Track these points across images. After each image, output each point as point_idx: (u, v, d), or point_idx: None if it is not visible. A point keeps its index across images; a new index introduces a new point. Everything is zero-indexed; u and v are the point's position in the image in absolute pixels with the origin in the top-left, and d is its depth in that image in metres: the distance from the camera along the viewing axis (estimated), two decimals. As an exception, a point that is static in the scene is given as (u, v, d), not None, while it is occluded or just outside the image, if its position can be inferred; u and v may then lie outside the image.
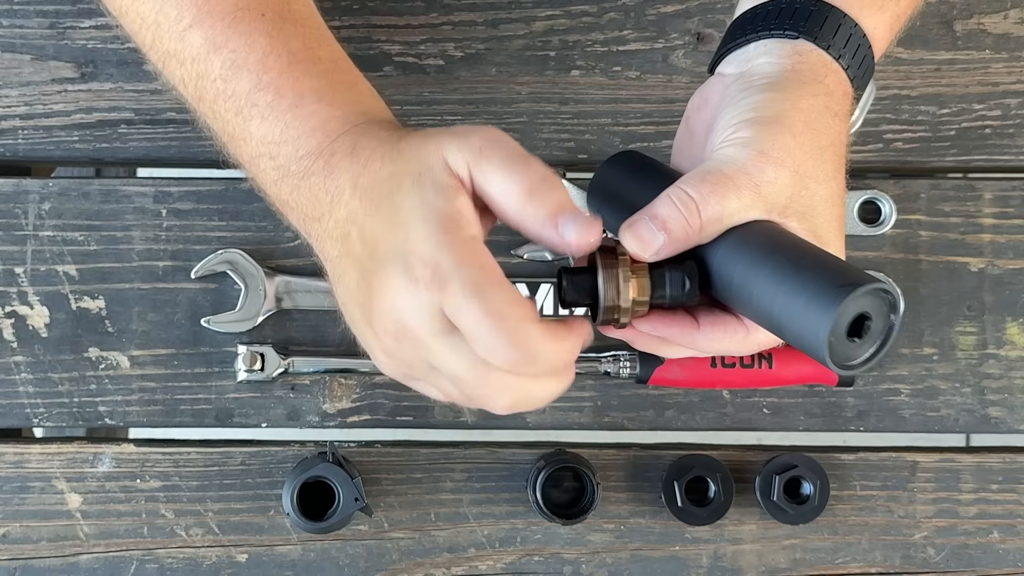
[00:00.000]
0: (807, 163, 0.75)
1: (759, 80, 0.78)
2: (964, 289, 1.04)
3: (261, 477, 1.02)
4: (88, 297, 1.02)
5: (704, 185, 0.73)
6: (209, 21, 0.79)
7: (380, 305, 0.72)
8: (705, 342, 0.77)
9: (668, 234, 0.73)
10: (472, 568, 1.02)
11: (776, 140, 0.74)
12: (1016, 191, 1.04)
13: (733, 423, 1.04)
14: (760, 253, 0.73)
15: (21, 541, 1.01)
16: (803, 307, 0.69)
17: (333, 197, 0.75)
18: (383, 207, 0.72)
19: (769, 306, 0.72)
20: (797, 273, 0.71)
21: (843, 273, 0.70)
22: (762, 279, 0.72)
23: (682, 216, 0.73)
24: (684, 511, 1.00)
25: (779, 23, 0.79)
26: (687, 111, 0.82)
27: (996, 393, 1.04)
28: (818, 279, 0.70)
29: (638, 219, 0.74)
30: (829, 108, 0.78)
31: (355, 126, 0.77)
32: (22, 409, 1.01)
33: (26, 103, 1.02)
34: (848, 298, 0.68)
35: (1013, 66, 1.05)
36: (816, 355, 0.70)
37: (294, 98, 0.78)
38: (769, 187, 0.74)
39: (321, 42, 0.81)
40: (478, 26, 1.04)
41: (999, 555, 1.03)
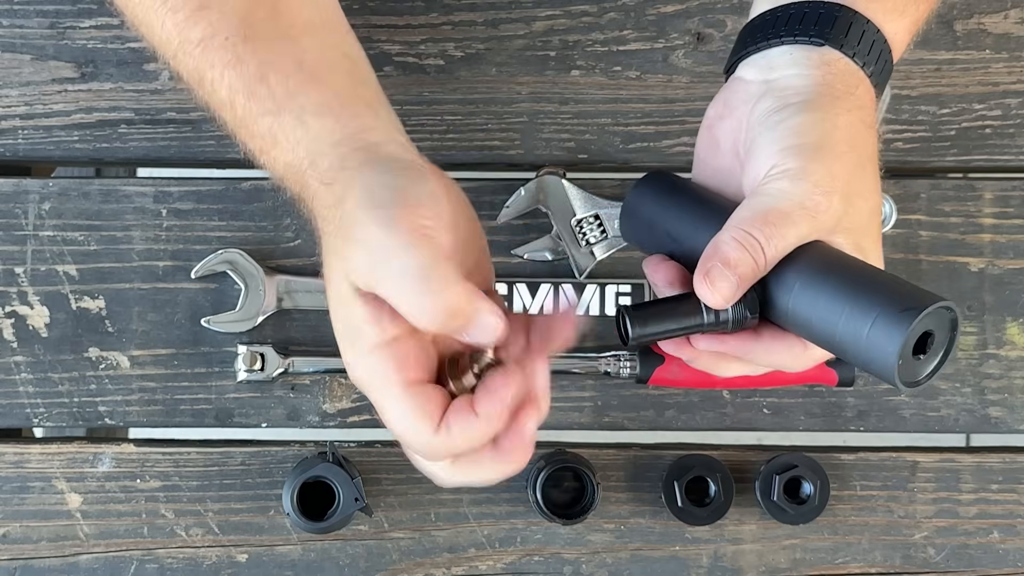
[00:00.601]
0: (852, 182, 0.75)
1: (793, 97, 0.77)
2: (964, 289, 1.04)
3: (261, 477, 1.02)
4: (88, 297, 1.02)
5: (767, 227, 0.73)
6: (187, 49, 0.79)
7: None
8: (764, 355, 0.77)
9: (739, 278, 0.73)
10: (472, 568, 1.02)
11: (825, 167, 0.74)
12: (1016, 191, 1.04)
13: (733, 423, 1.04)
14: (816, 276, 0.73)
15: (21, 541, 1.01)
16: (870, 330, 0.70)
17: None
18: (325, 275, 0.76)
19: (830, 329, 0.72)
20: (860, 295, 0.71)
21: (906, 294, 0.71)
22: (821, 302, 0.72)
23: (750, 258, 0.73)
24: (684, 511, 1.00)
25: (803, 29, 0.78)
26: (708, 119, 0.81)
27: (996, 393, 1.04)
28: (882, 301, 0.70)
29: (712, 266, 0.73)
30: (863, 121, 0.77)
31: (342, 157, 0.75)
32: (22, 409, 1.01)
33: (26, 103, 1.02)
34: (916, 321, 0.69)
35: (1013, 66, 1.05)
36: (885, 376, 0.71)
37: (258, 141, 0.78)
38: (824, 215, 0.74)
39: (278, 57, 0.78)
40: (478, 26, 1.04)
41: (999, 555, 1.03)
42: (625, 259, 1.03)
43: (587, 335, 1.03)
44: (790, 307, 0.74)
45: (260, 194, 1.02)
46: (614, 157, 1.04)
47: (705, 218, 0.78)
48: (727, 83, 0.82)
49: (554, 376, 1.02)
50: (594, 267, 1.01)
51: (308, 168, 0.76)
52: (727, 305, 0.74)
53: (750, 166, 0.77)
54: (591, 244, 1.01)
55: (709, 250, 0.74)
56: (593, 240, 1.01)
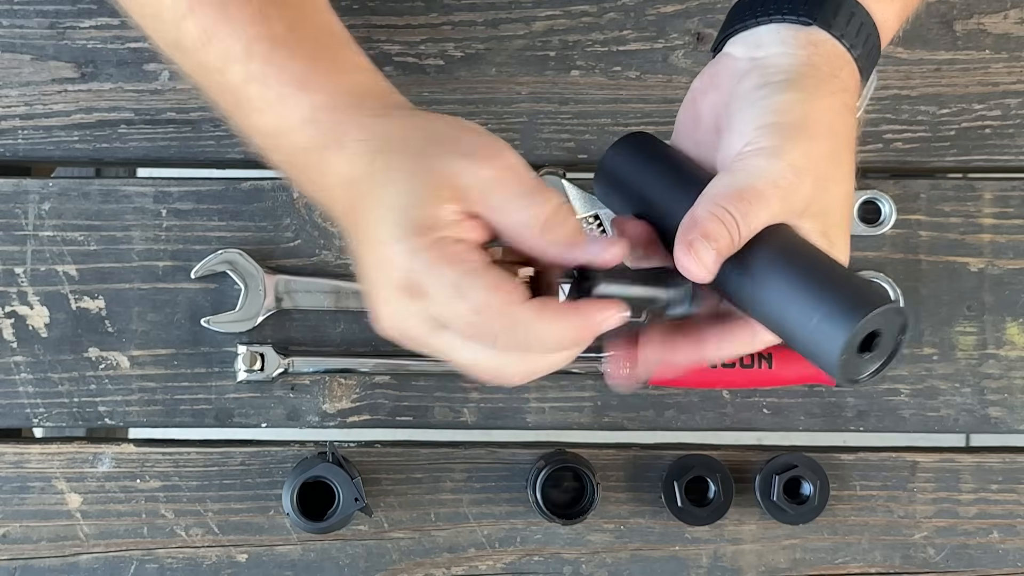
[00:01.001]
0: (827, 166, 0.75)
1: (776, 75, 0.77)
2: (964, 289, 1.04)
3: (261, 477, 1.02)
4: (88, 297, 1.02)
5: (741, 203, 0.73)
6: (200, 10, 0.78)
7: (377, 308, 0.73)
8: (713, 353, 0.78)
9: (717, 252, 0.73)
10: (472, 568, 1.02)
11: (800, 147, 0.74)
12: (1016, 191, 1.04)
13: (733, 423, 1.04)
14: (775, 262, 0.73)
15: (21, 541, 1.01)
16: (818, 323, 0.70)
17: (330, 193, 0.77)
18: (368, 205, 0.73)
19: (781, 316, 0.72)
20: (813, 287, 0.71)
21: (858, 292, 0.71)
22: (776, 289, 0.73)
23: (727, 234, 0.73)
24: (684, 511, 1.00)
25: (792, 8, 0.78)
26: (692, 92, 0.81)
27: (996, 393, 1.04)
28: (834, 296, 0.71)
29: (694, 238, 0.73)
30: (845, 104, 0.77)
31: (340, 112, 0.76)
32: (22, 409, 1.01)
33: (26, 103, 1.02)
34: (864, 319, 0.69)
35: (1013, 66, 1.05)
36: (827, 369, 0.71)
37: (279, 88, 0.77)
38: (794, 195, 0.74)
39: (305, 21, 0.79)
40: (478, 26, 1.04)
41: (999, 555, 1.03)
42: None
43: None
44: (746, 289, 0.74)
45: (260, 194, 1.02)
46: (614, 157, 1.04)
47: (680, 185, 0.78)
48: (715, 59, 0.82)
49: (554, 376, 1.02)
50: (594, 267, 1.01)
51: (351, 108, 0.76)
52: (709, 278, 0.73)
53: (726, 139, 0.76)
54: (591, 244, 1.01)
55: (687, 222, 0.73)
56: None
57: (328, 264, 1.02)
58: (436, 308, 0.70)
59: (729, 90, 0.78)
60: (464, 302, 0.69)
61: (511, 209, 0.72)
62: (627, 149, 0.82)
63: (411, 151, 0.73)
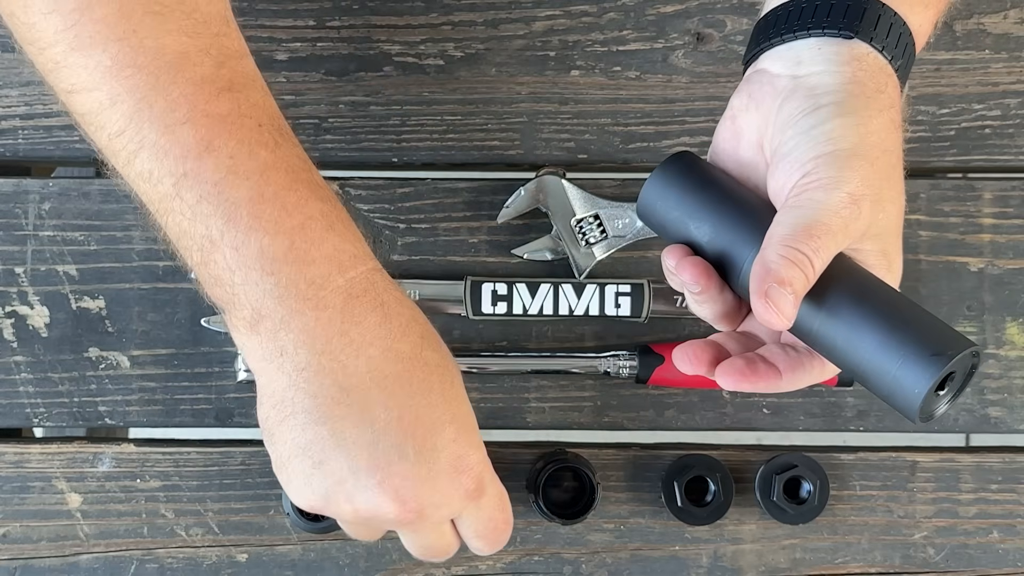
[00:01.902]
0: (883, 187, 0.75)
1: (824, 97, 0.75)
2: (964, 289, 1.04)
3: (261, 477, 1.02)
4: (88, 297, 1.02)
5: (812, 240, 0.72)
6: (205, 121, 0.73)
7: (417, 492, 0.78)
8: (788, 386, 0.78)
9: (795, 296, 0.73)
10: (472, 568, 1.02)
11: (859, 175, 0.74)
12: (1016, 191, 1.04)
13: (733, 423, 1.04)
14: (847, 304, 0.73)
15: (21, 541, 1.01)
16: (899, 369, 0.71)
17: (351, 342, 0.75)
18: (441, 386, 0.77)
19: (856, 358, 0.73)
20: (891, 332, 0.72)
21: (938, 335, 0.72)
22: (849, 331, 0.73)
23: (801, 275, 0.72)
24: (684, 511, 1.00)
25: (832, 21, 0.77)
26: (732, 109, 0.80)
27: (996, 393, 1.04)
28: (914, 342, 0.71)
29: (770, 287, 0.72)
30: (893, 121, 0.77)
31: (372, 271, 0.77)
32: (22, 409, 1.01)
33: (26, 103, 1.02)
34: (947, 366, 0.71)
35: (1013, 66, 1.05)
36: (906, 413, 0.72)
37: (302, 219, 0.74)
38: (856, 223, 0.74)
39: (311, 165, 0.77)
40: (478, 26, 1.04)
41: (999, 555, 1.03)
42: (625, 259, 1.03)
43: (586, 335, 1.03)
44: (815, 329, 0.74)
45: (260, 194, 1.02)
46: (614, 157, 1.04)
47: (737, 217, 0.77)
48: (749, 74, 0.80)
49: (553, 376, 1.02)
50: (594, 267, 1.01)
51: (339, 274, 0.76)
52: (790, 325, 0.73)
53: (781, 171, 0.75)
54: (591, 244, 1.01)
55: (760, 270, 0.73)
56: (593, 240, 1.01)
57: (328, 264, 1.02)
58: (480, 508, 0.83)
59: (772, 110, 0.77)
60: (503, 512, 0.85)
61: None
62: (671, 174, 0.80)
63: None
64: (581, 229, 1.01)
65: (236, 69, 0.75)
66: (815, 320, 0.74)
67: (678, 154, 0.81)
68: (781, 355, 0.78)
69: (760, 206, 0.77)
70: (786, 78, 0.77)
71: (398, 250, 1.02)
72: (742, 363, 0.77)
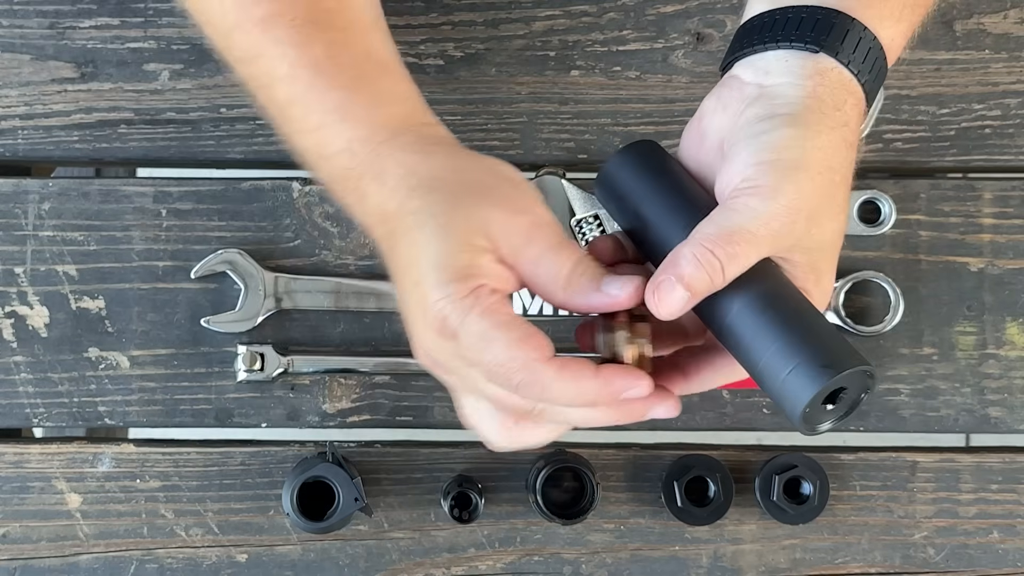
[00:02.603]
0: (821, 203, 0.75)
1: (781, 107, 0.76)
2: (964, 289, 1.04)
3: (261, 477, 1.02)
4: (88, 297, 1.02)
5: (730, 245, 0.73)
6: (247, 27, 0.79)
7: (413, 338, 0.77)
8: (697, 387, 0.79)
9: (691, 293, 0.73)
10: (472, 568, 1.02)
11: (796, 186, 0.74)
12: (1016, 191, 1.04)
13: (733, 423, 1.04)
14: (755, 304, 0.74)
15: (21, 541, 1.01)
16: (789, 373, 0.72)
17: (368, 219, 0.78)
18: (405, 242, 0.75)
19: (755, 358, 0.74)
20: (790, 338, 0.73)
21: (832, 350, 0.73)
22: (754, 331, 0.74)
23: (707, 276, 0.73)
24: (684, 511, 1.00)
25: (800, 34, 0.78)
26: (702, 110, 0.81)
27: (996, 393, 1.04)
28: (808, 351, 0.72)
29: (663, 280, 0.73)
30: (845, 140, 0.77)
31: (378, 144, 0.77)
32: (22, 409, 1.01)
33: (26, 103, 1.02)
34: (832, 379, 0.72)
35: (1013, 66, 1.05)
36: (790, 417, 0.73)
37: (320, 115, 0.78)
38: (787, 235, 0.75)
39: (346, 45, 0.80)
40: (478, 26, 1.04)
41: (999, 555, 1.03)
42: (625, 259, 1.03)
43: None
44: (725, 324, 0.75)
45: (260, 194, 1.02)
46: (614, 157, 1.04)
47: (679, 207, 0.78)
48: (724, 79, 0.81)
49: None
50: (594, 267, 1.01)
51: (387, 141, 0.77)
52: (672, 318, 0.74)
53: (725, 171, 0.76)
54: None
55: (670, 259, 0.74)
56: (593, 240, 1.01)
57: (328, 264, 1.03)
58: (464, 352, 0.74)
59: (736, 113, 0.78)
60: (488, 353, 0.73)
61: (540, 263, 0.74)
62: (631, 158, 0.82)
63: (446, 194, 0.75)
64: (581, 229, 1.01)
65: None
66: (727, 315, 0.75)
67: (643, 140, 0.82)
68: (690, 359, 0.79)
69: (706, 203, 0.78)
70: (753, 86, 0.79)
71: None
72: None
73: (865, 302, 1.03)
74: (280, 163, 1.03)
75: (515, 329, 0.73)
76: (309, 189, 1.02)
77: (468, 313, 0.73)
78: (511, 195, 0.76)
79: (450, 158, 0.77)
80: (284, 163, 1.03)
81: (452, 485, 1.00)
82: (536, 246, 0.74)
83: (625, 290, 0.74)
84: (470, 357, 0.74)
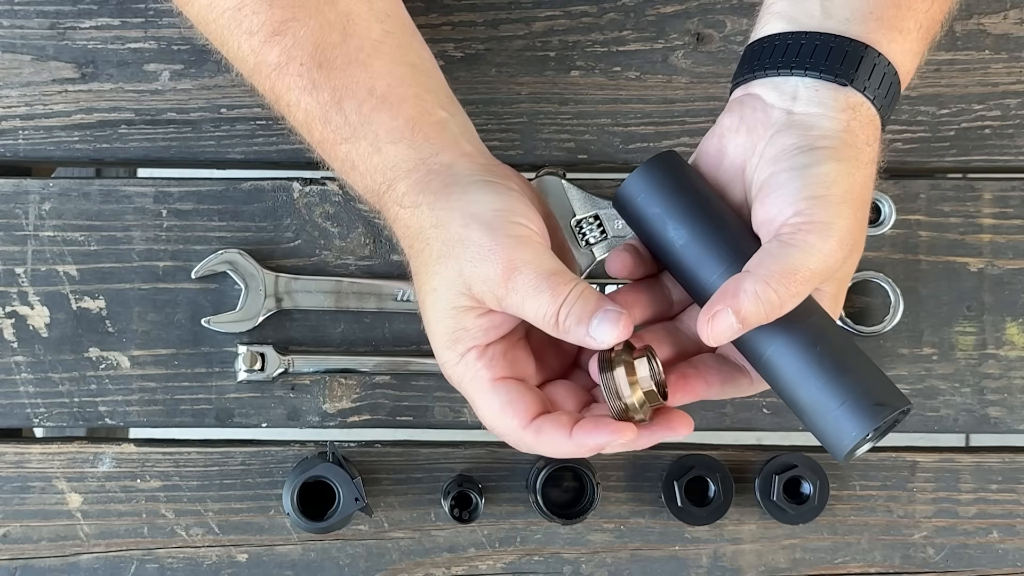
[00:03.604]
0: (859, 238, 0.78)
1: (821, 140, 0.77)
2: (964, 289, 1.04)
3: (261, 477, 1.02)
4: (88, 297, 1.02)
5: (793, 284, 0.74)
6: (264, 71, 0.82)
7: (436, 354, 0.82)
8: (717, 396, 0.81)
9: (743, 326, 0.74)
10: (472, 568, 1.02)
11: (847, 225, 0.76)
12: (1016, 191, 1.04)
13: (733, 423, 1.04)
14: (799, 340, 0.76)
15: (21, 541, 1.01)
16: (836, 412, 0.75)
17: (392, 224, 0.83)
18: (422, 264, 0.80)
19: (798, 394, 0.76)
20: (837, 377, 0.75)
21: (883, 388, 0.75)
22: (798, 368, 0.76)
23: (763, 314, 0.74)
24: (684, 511, 1.00)
25: (829, 65, 0.78)
26: (721, 127, 0.81)
27: (996, 393, 1.04)
28: (859, 389, 0.75)
29: (720, 312, 0.74)
30: (872, 177, 0.79)
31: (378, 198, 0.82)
32: (22, 409, 1.01)
33: (26, 103, 1.02)
34: (888, 416, 0.74)
35: (1013, 66, 1.05)
36: (834, 450, 0.76)
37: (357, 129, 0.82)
38: (836, 270, 0.77)
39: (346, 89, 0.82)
40: (478, 26, 1.04)
41: (999, 555, 1.03)
42: (625, 259, 1.03)
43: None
44: (766, 355, 0.76)
45: (260, 194, 1.03)
46: (614, 157, 1.04)
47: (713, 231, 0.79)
48: (741, 96, 0.81)
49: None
50: (594, 267, 1.01)
51: (386, 192, 0.81)
52: (715, 347, 0.77)
53: (772, 203, 0.77)
54: (591, 244, 1.01)
55: (727, 291, 0.75)
56: (593, 240, 1.01)
57: (328, 264, 1.03)
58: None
59: (762, 138, 0.79)
60: (479, 412, 0.80)
61: (525, 307, 0.76)
62: (656, 172, 0.81)
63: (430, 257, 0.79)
64: (581, 229, 1.01)
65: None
66: (768, 347, 0.76)
67: (667, 152, 0.82)
68: (713, 368, 0.81)
69: (739, 225, 0.79)
70: (780, 111, 0.79)
71: (398, 250, 1.02)
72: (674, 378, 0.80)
73: (865, 302, 1.03)
74: (280, 163, 1.03)
75: (496, 397, 0.78)
76: (309, 189, 1.02)
77: (462, 380, 0.79)
78: (487, 243, 0.77)
79: (432, 211, 0.79)
80: (284, 163, 1.03)
81: (452, 485, 1.00)
82: (517, 293, 0.76)
83: (613, 334, 0.76)
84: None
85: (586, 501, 1.00)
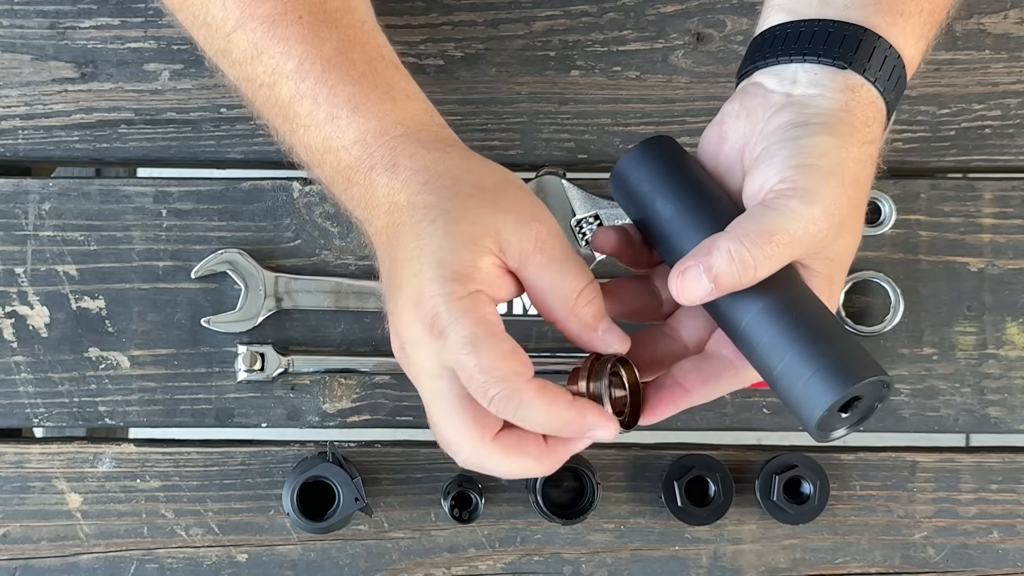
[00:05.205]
0: (849, 216, 0.76)
1: (815, 116, 0.77)
2: (964, 289, 1.04)
3: (261, 477, 1.02)
4: (88, 297, 1.02)
5: (769, 245, 0.73)
6: (251, 25, 0.80)
7: (395, 327, 0.76)
8: (700, 399, 0.79)
9: (716, 287, 0.73)
10: (472, 568, 1.02)
11: (833, 194, 0.75)
12: (1016, 191, 1.04)
13: (733, 423, 1.04)
14: (777, 308, 0.74)
15: (21, 541, 1.01)
16: (808, 379, 0.72)
17: (372, 211, 0.78)
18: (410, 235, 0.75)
19: (772, 362, 0.74)
20: (810, 344, 0.73)
21: (854, 358, 0.73)
22: (773, 335, 0.74)
23: (737, 273, 0.73)
24: (684, 511, 1.00)
25: (827, 49, 0.78)
26: (723, 114, 0.81)
27: (996, 393, 1.04)
28: (828, 358, 0.72)
29: (691, 267, 0.74)
30: (871, 156, 0.78)
31: (393, 138, 0.78)
32: (22, 409, 1.01)
33: (26, 103, 1.02)
34: (853, 387, 0.72)
35: (1013, 66, 1.05)
36: (804, 423, 0.74)
37: (330, 108, 0.79)
38: (818, 241, 0.75)
39: (356, 43, 0.81)
40: (478, 26, 1.04)
41: (999, 555, 1.03)
42: (625, 259, 1.03)
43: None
44: (743, 325, 0.75)
45: (260, 194, 1.03)
46: (614, 157, 1.04)
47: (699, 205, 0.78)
48: (744, 86, 0.81)
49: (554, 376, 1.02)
50: (594, 267, 1.01)
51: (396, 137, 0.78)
52: (690, 304, 0.75)
53: (758, 173, 0.76)
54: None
55: (701, 249, 0.74)
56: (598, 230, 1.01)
57: (328, 264, 1.03)
58: (448, 354, 0.73)
59: (760, 120, 0.78)
60: (474, 358, 0.72)
61: (545, 272, 0.74)
62: (650, 152, 0.81)
63: (460, 193, 0.75)
64: (581, 229, 1.01)
65: None
66: (745, 316, 0.75)
67: (661, 136, 0.82)
68: (692, 371, 0.79)
69: (729, 203, 0.78)
70: (780, 94, 0.79)
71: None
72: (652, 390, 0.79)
73: (865, 302, 1.03)
74: (280, 163, 1.03)
75: (505, 342, 0.73)
76: (309, 189, 1.02)
77: (462, 316, 0.72)
78: (524, 202, 0.76)
79: (465, 160, 0.78)
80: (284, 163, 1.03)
81: (452, 485, 1.00)
82: (544, 254, 0.74)
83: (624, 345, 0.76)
84: (453, 359, 0.73)
85: (586, 501, 1.00)
